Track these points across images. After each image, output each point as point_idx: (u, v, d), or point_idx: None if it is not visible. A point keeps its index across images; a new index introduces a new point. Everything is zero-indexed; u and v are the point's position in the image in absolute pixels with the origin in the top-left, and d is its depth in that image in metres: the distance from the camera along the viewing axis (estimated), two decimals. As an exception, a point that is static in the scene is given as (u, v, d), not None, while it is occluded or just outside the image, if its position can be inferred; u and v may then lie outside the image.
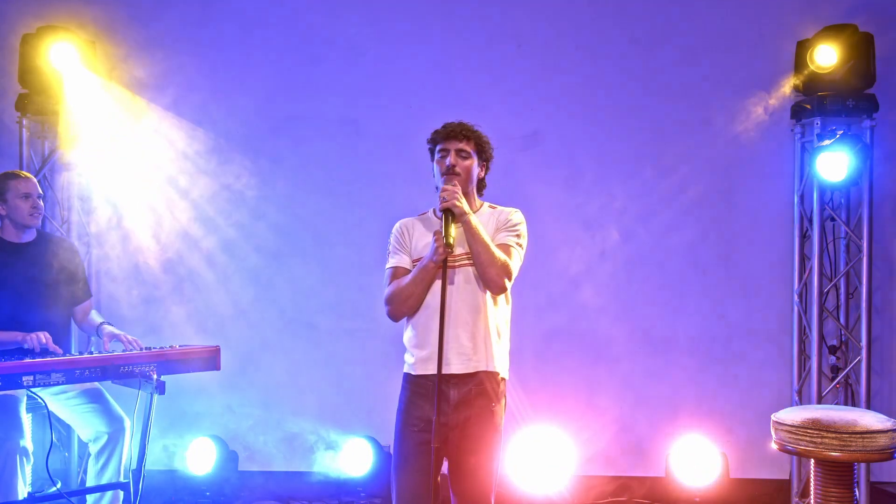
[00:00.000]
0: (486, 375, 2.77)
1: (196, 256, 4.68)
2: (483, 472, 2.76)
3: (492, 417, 2.77)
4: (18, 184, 3.63)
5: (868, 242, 4.36)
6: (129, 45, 4.61)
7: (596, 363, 4.70)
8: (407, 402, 2.80)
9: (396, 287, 2.80)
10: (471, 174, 2.84)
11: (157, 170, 4.63)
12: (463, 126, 2.84)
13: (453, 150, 2.81)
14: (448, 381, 2.74)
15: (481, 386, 2.76)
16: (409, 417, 2.78)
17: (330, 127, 4.70)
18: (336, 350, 4.69)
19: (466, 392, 2.73)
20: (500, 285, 2.75)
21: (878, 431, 2.87)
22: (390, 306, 2.82)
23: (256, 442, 4.72)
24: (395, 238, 2.91)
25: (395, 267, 2.86)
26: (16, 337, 3.40)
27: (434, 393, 2.67)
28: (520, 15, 4.70)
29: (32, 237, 3.71)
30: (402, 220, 2.96)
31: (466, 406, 2.73)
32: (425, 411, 2.73)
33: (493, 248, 2.73)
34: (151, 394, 3.18)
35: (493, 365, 2.78)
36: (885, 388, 4.62)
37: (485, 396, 2.76)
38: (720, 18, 4.63)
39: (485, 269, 2.72)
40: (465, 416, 2.73)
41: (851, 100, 4.25)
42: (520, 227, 2.88)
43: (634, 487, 4.63)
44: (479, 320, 2.77)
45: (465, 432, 2.74)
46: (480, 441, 2.75)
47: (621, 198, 4.68)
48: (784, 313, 4.62)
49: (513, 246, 2.82)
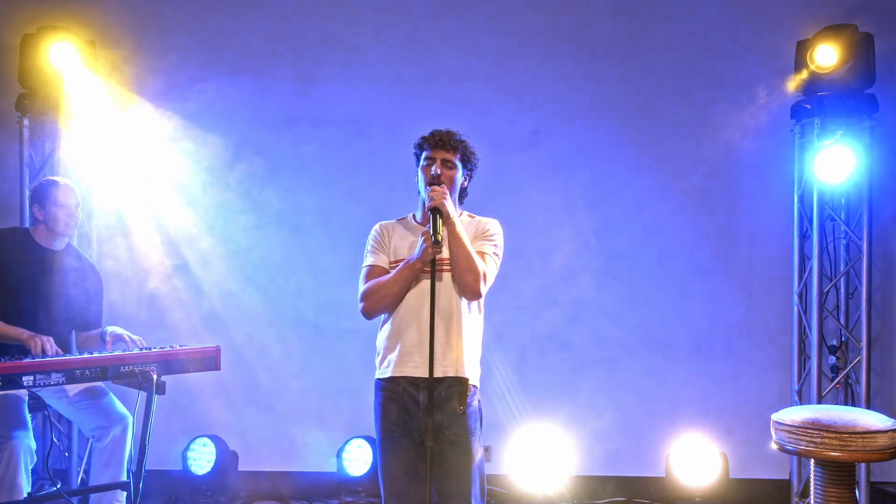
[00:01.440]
0: (454, 381, 2.78)
1: (196, 256, 4.68)
2: (462, 480, 2.76)
3: (464, 420, 2.77)
4: (58, 192, 3.63)
5: (868, 242, 4.35)
6: (129, 45, 4.61)
7: (596, 363, 4.70)
8: (380, 408, 2.82)
9: (376, 283, 2.82)
10: (454, 184, 2.87)
11: (158, 169, 4.63)
12: (450, 136, 2.86)
13: (439, 160, 2.83)
14: (417, 385, 2.76)
15: (450, 390, 2.77)
16: (384, 424, 2.80)
17: (330, 127, 4.70)
18: (336, 350, 4.69)
19: (436, 395, 2.73)
20: (475, 291, 2.77)
21: (878, 431, 2.87)
22: (367, 302, 2.83)
23: (256, 442, 4.72)
24: (374, 238, 2.95)
25: (373, 265, 2.89)
26: (21, 335, 3.37)
27: (403, 396, 2.74)
28: (520, 14, 4.70)
29: (62, 246, 3.71)
30: (381, 221, 2.99)
31: (436, 410, 2.72)
32: (398, 415, 2.77)
33: (473, 255, 2.76)
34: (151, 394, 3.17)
35: (463, 371, 2.79)
36: (885, 388, 4.63)
37: (453, 402, 2.76)
38: (720, 18, 4.63)
39: (462, 275, 2.74)
40: (437, 421, 2.73)
41: (851, 100, 4.25)
42: (496, 238, 2.91)
43: (634, 487, 4.63)
44: (451, 326, 2.78)
45: (441, 437, 2.74)
46: (455, 444, 2.76)
47: (621, 197, 4.69)
48: (784, 313, 4.62)
49: (489, 254, 2.85)
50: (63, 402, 3.57)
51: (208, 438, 4.58)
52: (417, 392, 2.76)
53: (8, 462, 3.29)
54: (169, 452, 4.63)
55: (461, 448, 2.77)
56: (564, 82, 4.69)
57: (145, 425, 3.18)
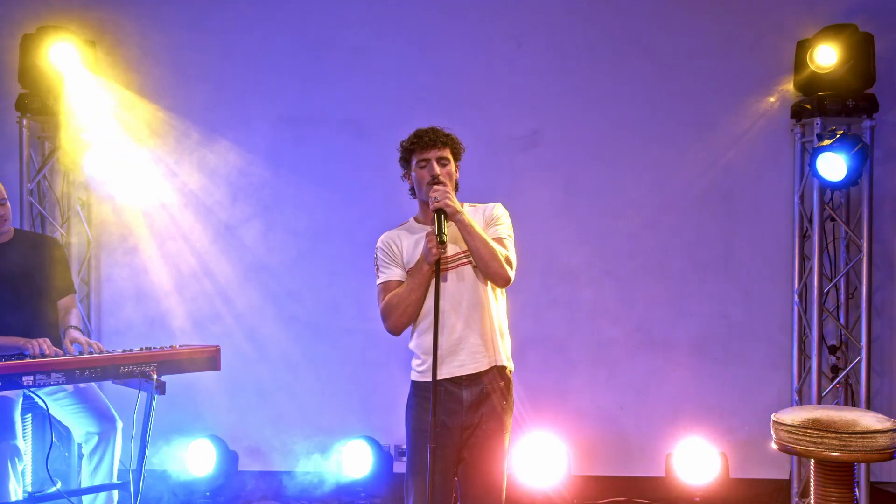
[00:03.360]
0: (497, 371, 2.80)
1: (196, 256, 4.68)
2: (495, 473, 2.79)
3: (502, 417, 2.80)
4: None
5: (868, 242, 4.35)
6: (129, 45, 4.60)
7: (596, 363, 4.70)
8: (416, 408, 2.82)
9: (394, 298, 2.78)
10: (452, 179, 2.86)
11: (157, 169, 4.63)
12: (438, 133, 2.84)
13: (434, 159, 2.81)
14: (460, 383, 2.77)
15: (493, 384, 2.79)
16: (418, 423, 2.80)
17: (331, 127, 4.70)
18: (336, 350, 4.69)
19: (479, 392, 2.76)
20: (505, 277, 2.77)
21: (878, 431, 2.87)
22: (389, 320, 2.79)
23: (256, 442, 4.72)
24: (381, 253, 2.87)
25: (387, 281, 2.84)
26: (17, 342, 3.35)
27: (444, 398, 2.73)
28: (520, 15, 4.69)
29: (8, 238, 3.57)
30: (384, 234, 2.91)
31: (478, 406, 2.76)
32: (437, 416, 2.75)
33: (491, 242, 2.75)
34: (151, 394, 3.17)
35: (502, 359, 2.82)
36: (885, 388, 4.62)
37: (496, 395, 2.78)
38: (720, 18, 4.63)
39: (487, 264, 2.74)
40: (479, 416, 2.76)
41: (851, 100, 4.24)
42: (505, 219, 2.91)
43: (634, 487, 4.63)
44: (484, 317, 2.78)
45: (478, 433, 2.76)
46: (492, 441, 2.78)
47: (621, 198, 4.68)
48: (784, 313, 4.62)
49: (504, 237, 2.85)
50: (56, 405, 3.50)
51: (208, 438, 4.58)
52: (460, 390, 2.76)
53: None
54: (169, 452, 4.63)
55: (496, 444, 2.78)
56: (564, 82, 4.69)
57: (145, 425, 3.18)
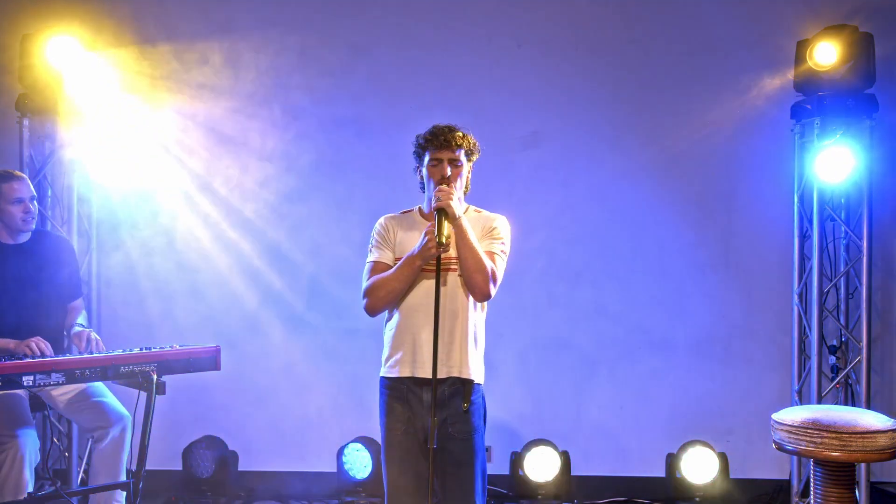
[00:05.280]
0: (457, 381, 2.78)
1: (196, 256, 4.67)
2: (465, 471, 2.77)
3: (468, 417, 2.77)
4: (9, 188, 3.45)
5: (868, 242, 4.35)
6: (129, 45, 4.60)
7: (596, 363, 4.70)
8: (385, 406, 2.82)
9: (378, 279, 2.80)
10: (463, 180, 2.86)
11: (158, 169, 4.63)
12: (454, 134, 2.82)
13: (446, 160, 2.80)
14: (421, 384, 2.76)
15: (454, 388, 2.77)
16: (389, 421, 2.81)
17: (330, 126, 4.70)
18: (336, 350, 4.69)
19: (440, 394, 2.74)
20: (484, 292, 2.75)
21: (878, 431, 2.87)
22: (369, 299, 2.82)
23: (256, 442, 4.72)
24: (378, 233, 2.91)
25: (377, 261, 2.86)
26: (7, 345, 3.32)
27: (408, 395, 2.75)
28: (520, 15, 4.69)
29: (28, 238, 3.61)
30: (387, 215, 2.96)
31: (440, 409, 2.73)
32: (403, 414, 2.78)
33: (481, 254, 2.73)
34: (151, 394, 3.17)
35: (468, 372, 2.78)
36: (885, 388, 4.62)
37: (458, 397, 2.77)
38: (720, 18, 4.63)
39: (471, 275, 2.72)
40: (442, 418, 2.74)
41: (851, 100, 4.24)
42: (504, 235, 2.88)
43: (634, 487, 4.63)
44: (455, 326, 2.77)
45: (443, 433, 2.74)
46: (459, 441, 2.76)
47: (621, 198, 4.68)
48: (784, 313, 4.62)
49: (497, 253, 2.82)
50: (62, 402, 3.56)
51: (209, 438, 4.58)
52: (422, 391, 2.76)
53: (13, 460, 3.29)
54: (169, 452, 4.62)
55: (465, 445, 2.77)
56: (564, 82, 4.69)
57: (145, 425, 3.18)
